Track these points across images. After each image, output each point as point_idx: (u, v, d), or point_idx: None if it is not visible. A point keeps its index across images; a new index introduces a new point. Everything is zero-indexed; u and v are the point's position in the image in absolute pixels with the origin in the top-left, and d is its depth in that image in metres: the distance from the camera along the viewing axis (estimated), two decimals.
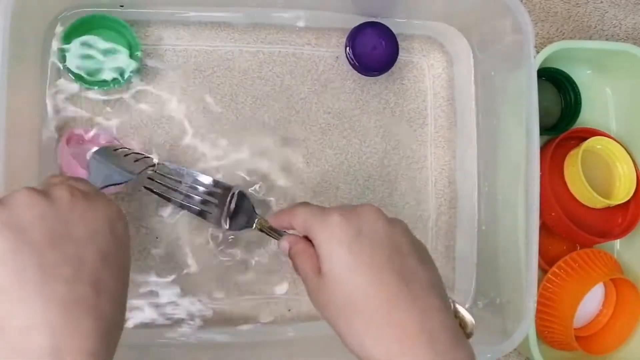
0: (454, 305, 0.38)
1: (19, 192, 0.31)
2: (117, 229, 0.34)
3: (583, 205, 0.56)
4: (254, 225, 0.44)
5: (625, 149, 0.58)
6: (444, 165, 0.56)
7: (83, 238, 0.31)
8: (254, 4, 0.51)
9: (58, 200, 0.32)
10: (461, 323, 0.38)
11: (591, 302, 0.58)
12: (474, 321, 0.39)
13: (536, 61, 0.51)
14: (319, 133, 0.54)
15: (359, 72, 0.54)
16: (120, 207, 0.36)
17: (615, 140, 0.57)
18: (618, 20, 0.62)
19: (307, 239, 0.38)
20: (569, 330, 0.53)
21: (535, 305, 0.47)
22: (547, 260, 0.56)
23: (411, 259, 0.36)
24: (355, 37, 0.53)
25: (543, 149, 0.55)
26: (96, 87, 0.48)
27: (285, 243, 0.40)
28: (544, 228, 0.56)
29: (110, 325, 0.30)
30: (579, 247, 0.58)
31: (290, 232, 0.41)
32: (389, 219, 0.37)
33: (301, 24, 0.53)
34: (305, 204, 0.40)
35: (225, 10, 0.51)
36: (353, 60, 0.53)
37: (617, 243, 0.60)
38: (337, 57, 0.54)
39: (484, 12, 0.50)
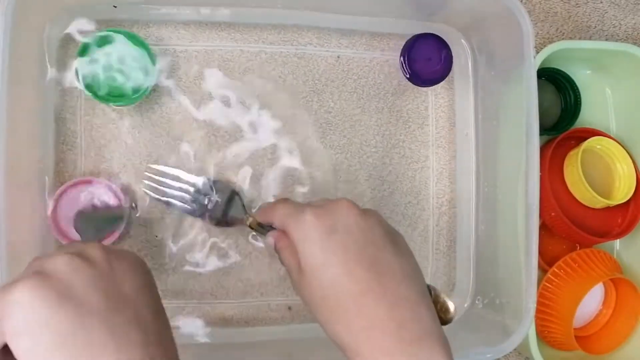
0: (435, 292, 0.39)
1: (57, 258, 0.30)
2: (148, 275, 0.35)
3: (583, 205, 0.56)
4: (246, 222, 0.46)
5: (625, 149, 0.58)
6: (444, 165, 0.56)
7: (133, 295, 0.31)
8: (254, 4, 0.51)
9: (97, 261, 0.31)
10: (442, 308, 0.39)
11: (591, 302, 0.58)
12: (454, 307, 0.39)
13: (536, 61, 0.51)
14: (320, 132, 0.54)
15: (411, 82, 0.55)
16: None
17: (615, 140, 0.58)
18: (618, 20, 0.62)
19: None
20: (568, 330, 0.53)
21: (535, 305, 0.47)
22: (546, 260, 0.56)
23: (385, 251, 0.37)
24: (412, 47, 0.53)
25: (543, 149, 0.56)
26: (111, 104, 0.48)
27: (270, 239, 0.42)
28: (544, 228, 0.56)
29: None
30: (578, 247, 0.58)
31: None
32: (363, 212, 0.38)
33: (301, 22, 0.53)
34: (284, 200, 0.41)
35: (226, 10, 0.51)
36: (407, 70, 0.54)
37: (616, 243, 0.60)
38: (338, 56, 0.54)
39: (483, 13, 0.50)
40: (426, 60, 0.53)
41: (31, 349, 0.27)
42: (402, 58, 0.54)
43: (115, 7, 0.48)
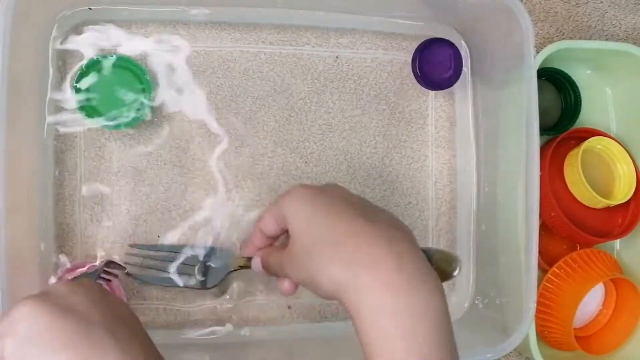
0: (430, 253, 0.38)
1: (54, 284, 0.34)
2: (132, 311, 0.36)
3: (583, 206, 0.56)
4: (233, 268, 0.46)
5: (625, 149, 0.58)
6: (444, 165, 0.56)
7: (128, 318, 0.33)
8: (254, 4, 0.51)
9: (91, 287, 0.33)
10: (445, 259, 0.38)
11: (591, 302, 0.58)
12: (457, 257, 0.39)
13: (536, 61, 0.51)
14: (319, 133, 0.54)
15: (421, 84, 0.55)
16: None
17: (615, 140, 0.57)
18: (618, 20, 0.62)
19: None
20: (569, 330, 0.53)
21: (535, 305, 0.47)
22: (547, 260, 0.56)
23: (373, 207, 0.38)
24: (423, 50, 0.54)
25: (543, 149, 0.55)
26: (108, 128, 0.48)
27: (256, 259, 0.43)
28: (544, 228, 0.56)
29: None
30: (579, 247, 0.58)
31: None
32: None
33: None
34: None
35: (226, 10, 0.51)
36: (417, 72, 0.54)
37: (617, 243, 0.60)
38: (337, 56, 0.54)
39: (483, 12, 0.50)
40: (437, 64, 0.53)
41: (35, 356, 0.27)
42: (413, 59, 0.55)
43: (90, 9, 0.48)
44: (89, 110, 0.48)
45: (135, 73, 0.48)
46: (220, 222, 0.51)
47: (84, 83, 0.48)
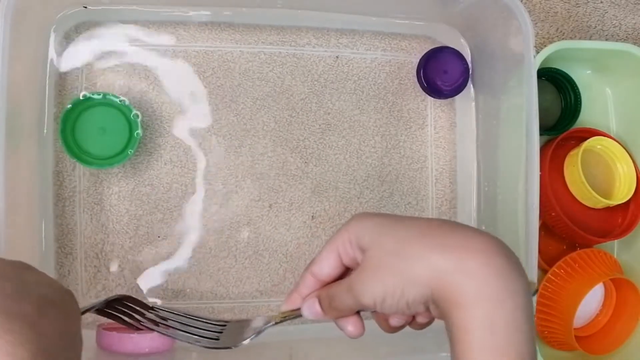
0: None
1: None
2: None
3: (583, 205, 0.56)
4: (272, 322, 0.40)
5: (625, 149, 0.58)
6: (444, 165, 0.56)
7: (34, 285, 0.31)
8: (254, 4, 0.51)
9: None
10: None
11: (591, 302, 0.58)
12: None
13: (536, 61, 0.51)
14: (319, 133, 0.54)
15: (426, 92, 0.55)
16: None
17: (615, 140, 0.57)
18: (618, 20, 0.62)
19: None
20: (569, 330, 0.53)
21: (535, 305, 0.47)
22: (547, 260, 0.56)
23: None
24: (429, 59, 0.54)
25: (543, 149, 0.55)
26: (94, 166, 0.48)
27: (310, 300, 0.37)
28: (544, 228, 0.56)
29: (50, 348, 0.29)
30: (578, 247, 0.58)
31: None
32: None
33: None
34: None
35: (226, 10, 0.51)
36: (422, 81, 0.54)
37: (617, 243, 0.60)
38: (337, 56, 0.54)
39: (483, 13, 0.50)
40: (443, 74, 0.54)
41: None
42: (419, 71, 0.55)
43: (85, 7, 0.48)
44: (77, 154, 0.47)
45: (121, 110, 0.48)
46: (219, 224, 0.51)
47: (69, 127, 0.47)
